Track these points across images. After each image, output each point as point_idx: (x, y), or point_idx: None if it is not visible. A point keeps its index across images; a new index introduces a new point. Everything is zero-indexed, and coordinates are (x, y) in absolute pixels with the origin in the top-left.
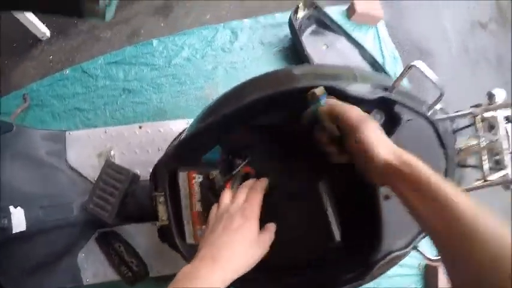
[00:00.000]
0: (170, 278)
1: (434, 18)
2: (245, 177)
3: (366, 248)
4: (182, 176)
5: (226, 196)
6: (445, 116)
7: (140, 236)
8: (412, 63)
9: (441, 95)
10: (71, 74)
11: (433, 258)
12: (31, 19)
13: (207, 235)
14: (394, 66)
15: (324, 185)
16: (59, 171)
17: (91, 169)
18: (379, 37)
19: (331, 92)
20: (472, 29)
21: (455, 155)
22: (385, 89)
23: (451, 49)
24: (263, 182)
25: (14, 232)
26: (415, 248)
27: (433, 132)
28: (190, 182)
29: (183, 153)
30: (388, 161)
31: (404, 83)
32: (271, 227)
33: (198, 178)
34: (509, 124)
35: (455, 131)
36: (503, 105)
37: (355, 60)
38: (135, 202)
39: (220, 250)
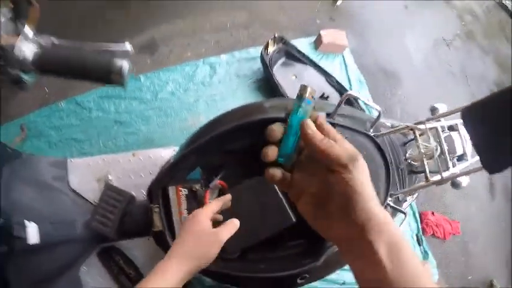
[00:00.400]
0: None
1: (398, 41)
2: (221, 190)
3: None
4: (172, 190)
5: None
6: (386, 131)
7: (137, 249)
8: (348, 93)
9: (379, 115)
10: (66, 106)
11: None
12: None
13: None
14: (360, 89)
15: None
16: (63, 194)
17: (91, 192)
18: (345, 64)
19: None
20: (436, 47)
21: (402, 162)
22: (328, 114)
23: (416, 67)
24: (226, 197)
25: (29, 243)
26: None
27: (372, 145)
28: (178, 194)
29: (172, 174)
30: (376, 214)
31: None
32: (230, 223)
33: (184, 191)
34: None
35: (405, 143)
36: (427, 120)
37: (323, 87)
38: (132, 220)
39: (175, 247)
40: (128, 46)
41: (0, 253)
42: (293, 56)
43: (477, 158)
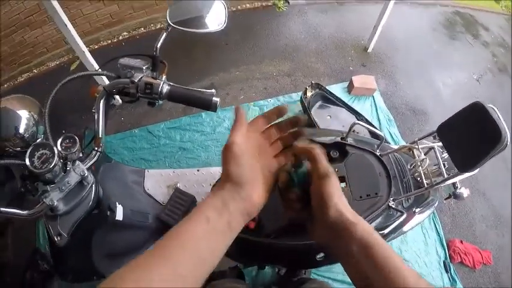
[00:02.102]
0: None
1: (427, 80)
2: None
3: None
4: None
5: None
6: (388, 151)
7: None
8: (355, 122)
9: (383, 138)
10: (139, 133)
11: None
12: None
13: None
14: (389, 128)
15: None
16: (140, 195)
17: (161, 196)
18: (375, 104)
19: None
20: (465, 82)
21: (406, 176)
22: (342, 138)
23: (444, 103)
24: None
25: (116, 218)
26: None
27: (376, 159)
28: None
29: None
30: (343, 213)
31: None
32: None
33: None
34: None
35: (411, 165)
36: (419, 139)
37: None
38: None
39: None
40: (214, 91)
41: (94, 219)
42: (328, 99)
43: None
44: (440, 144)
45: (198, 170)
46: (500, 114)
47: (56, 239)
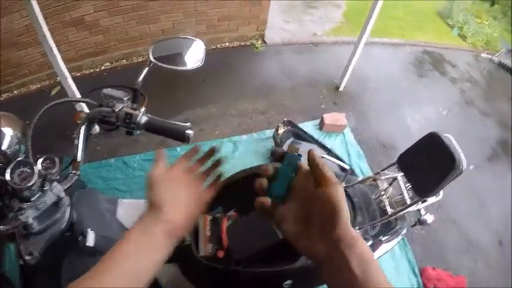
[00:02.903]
0: None
1: (396, 116)
2: (233, 218)
3: None
4: (200, 218)
5: None
6: (353, 182)
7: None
8: (322, 156)
9: (348, 170)
10: (114, 163)
11: None
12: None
13: None
14: (358, 162)
15: None
16: (112, 222)
17: (132, 224)
18: (346, 140)
19: None
20: (434, 116)
21: (372, 206)
22: None
23: (413, 137)
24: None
25: (87, 244)
26: None
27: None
28: (205, 220)
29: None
30: (350, 230)
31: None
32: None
33: (209, 218)
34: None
35: (376, 195)
36: (382, 170)
37: (325, 161)
38: None
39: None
40: (188, 124)
41: (66, 241)
42: (299, 135)
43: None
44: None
45: None
46: (457, 143)
47: (27, 258)
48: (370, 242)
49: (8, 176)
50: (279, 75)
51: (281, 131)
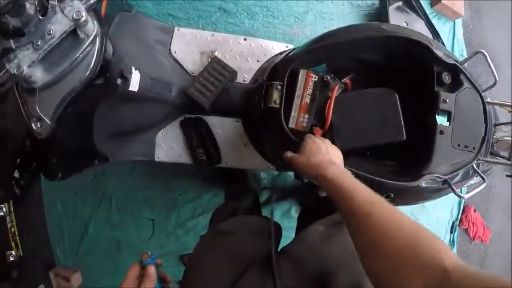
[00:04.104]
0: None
1: (510, 36)
2: (344, 90)
3: (418, 163)
4: (302, 73)
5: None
6: (491, 101)
7: (221, 128)
8: (480, 50)
9: (495, 82)
10: None
11: (461, 195)
12: None
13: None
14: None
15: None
16: (164, 58)
17: (191, 63)
18: (454, 32)
19: (419, 47)
20: None
21: (491, 136)
22: (456, 61)
23: None
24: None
25: (130, 89)
26: (446, 182)
27: (481, 104)
28: (308, 79)
29: (300, 60)
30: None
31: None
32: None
33: (314, 78)
34: None
35: (496, 125)
36: None
37: None
38: (227, 98)
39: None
40: None
41: (96, 91)
42: (410, 3)
43: None
44: None
45: (245, 39)
46: None
47: (34, 127)
48: (484, 184)
49: None
50: None
51: None
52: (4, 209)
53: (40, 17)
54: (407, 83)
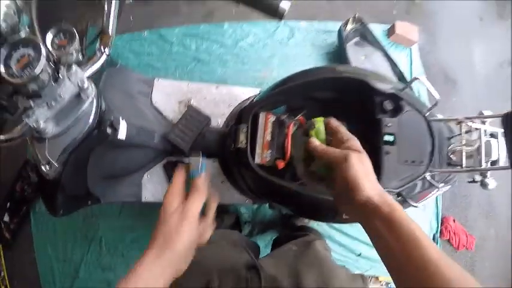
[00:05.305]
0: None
1: (466, 50)
2: (299, 126)
3: None
4: (262, 116)
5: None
6: (437, 118)
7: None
8: (416, 77)
9: (436, 102)
10: (149, 36)
11: (414, 204)
12: None
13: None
14: (418, 86)
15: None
16: (146, 108)
17: (171, 112)
18: (411, 58)
19: (360, 83)
20: (502, 66)
21: (443, 150)
22: (398, 90)
23: (476, 80)
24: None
25: (118, 138)
26: (400, 195)
27: (425, 124)
28: (267, 120)
29: (261, 105)
30: (371, 197)
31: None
32: (195, 191)
33: (272, 118)
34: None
35: (449, 138)
36: (475, 117)
37: (386, 72)
38: (204, 141)
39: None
40: None
41: (93, 140)
42: (366, 38)
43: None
44: (485, 127)
45: (217, 87)
46: None
47: (44, 169)
48: (436, 191)
49: (1, 67)
50: None
51: (349, 27)
52: None
53: (53, 83)
54: (357, 114)
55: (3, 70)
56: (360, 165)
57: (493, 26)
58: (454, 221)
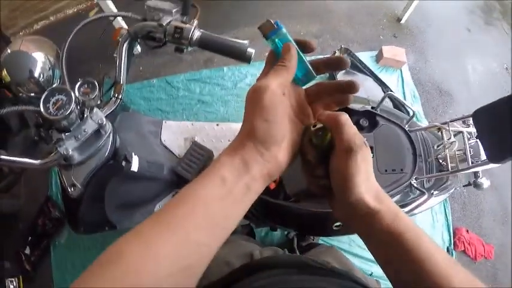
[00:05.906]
0: None
1: (457, 62)
2: None
3: None
4: None
5: None
6: (417, 127)
7: None
8: (388, 92)
9: (413, 114)
10: (157, 83)
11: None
12: None
13: None
14: (413, 103)
15: None
16: (156, 146)
17: (177, 148)
18: (402, 78)
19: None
20: (496, 72)
21: (431, 156)
22: (372, 107)
23: (471, 89)
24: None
25: (131, 169)
26: None
27: (402, 134)
28: None
29: None
30: (364, 199)
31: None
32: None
33: None
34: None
35: (437, 146)
36: (451, 121)
37: (379, 96)
38: None
39: None
40: (247, 42)
41: (110, 169)
42: (356, 66)
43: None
44: (469, 130)
45: (217, 125)
46: None
47: (70, 190)
48: (425, 196)
49: (42, 107)
50: None
51: None
52: (14, 283)
53: (79, 121)
54: None
55: (43, 110)
56: (365, 166)
57: (481, 34)
58: (467, 231)
